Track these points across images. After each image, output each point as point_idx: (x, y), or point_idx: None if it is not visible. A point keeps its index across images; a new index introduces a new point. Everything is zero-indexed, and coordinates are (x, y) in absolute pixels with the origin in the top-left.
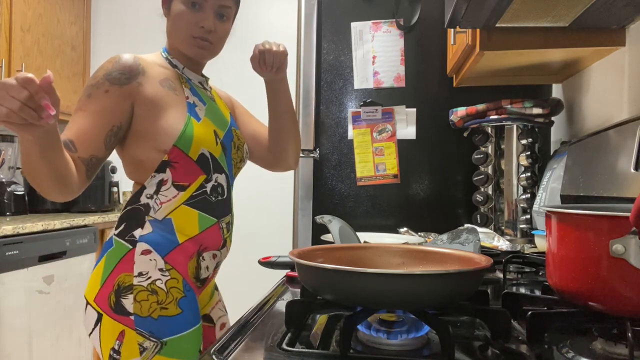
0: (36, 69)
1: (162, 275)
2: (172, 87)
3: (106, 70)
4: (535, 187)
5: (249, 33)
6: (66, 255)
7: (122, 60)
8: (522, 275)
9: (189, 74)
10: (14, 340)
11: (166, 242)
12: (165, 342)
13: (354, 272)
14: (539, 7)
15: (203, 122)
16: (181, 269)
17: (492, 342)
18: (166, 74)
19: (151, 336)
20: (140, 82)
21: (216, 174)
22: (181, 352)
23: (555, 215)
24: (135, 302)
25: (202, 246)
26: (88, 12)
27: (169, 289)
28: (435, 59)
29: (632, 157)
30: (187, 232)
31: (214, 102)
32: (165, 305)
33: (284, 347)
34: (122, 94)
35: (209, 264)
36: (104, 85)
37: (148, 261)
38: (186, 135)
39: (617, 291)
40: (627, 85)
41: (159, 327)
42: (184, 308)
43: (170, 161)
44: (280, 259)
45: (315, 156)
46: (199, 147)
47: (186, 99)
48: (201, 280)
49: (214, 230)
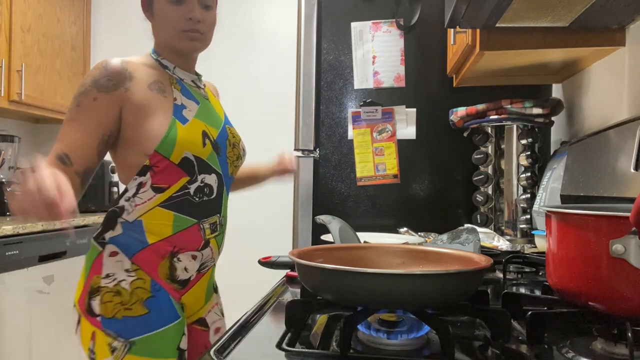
0: (36, 69)
1: (127, 275)
2: (160, 89)
3: (93, 77)
4: (535, 187)
5: (249, 33)
6: (66, 255)
7: (109, 66)
8: (522, 275)
9: (181, 73)
10: (14, 340)
11: (134, 243)
12: (134, 342)
13: (354, 272)
14: (539, 7)
15: (191, 124)
16: (149, 269)
17: (492, 342)
18: (155, 76)
19: (118, 336)
20: (128, 87)
21: (203, 174)
22: (153, 351)
23: (555, 215)
24: (101, 304)
25: (177, 247)
26: (88, 12)
27: (133, 290)
28: (435, 59)
29: (632, 157)
30: (159, 233)
31: (207, 101)
32: (129, 306)
33: (284, 347)
34: (110, 101)
35: (187, 265)
36: (92, 93)
37: (115, 262)
38: (168, 140)
39: (617, 291)
40: (627, 85)
41: (124, 327)
42: (151, 308)
43: (151, 165)
44: (280, 259)
45: (315, 156)
46: (181, 151)
47: (174, 100)
48: (179, 281)
49: (192, 231)
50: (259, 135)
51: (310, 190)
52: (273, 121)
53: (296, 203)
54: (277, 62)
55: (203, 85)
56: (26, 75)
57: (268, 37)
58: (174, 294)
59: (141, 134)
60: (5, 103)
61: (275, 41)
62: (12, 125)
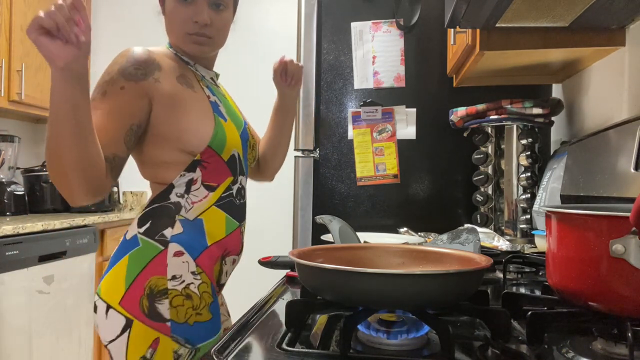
0: (36, 69)
1: (194, 279)
2: (189, 84)
3: (120, 65)
4: (535, 187)
5: (249, 33)
6: (66, 255)
7: (136, 54)
8: (522, 275)
9: (202, 70)
10: (14, 340)
11: (197, 244)
12: (199, 349)
13: (354, 272)
14: (539, 7)
15: (229, 123)
16: (209, 273)
17: (492, 342)
18: (181, 70)
19: (187, 343)
20: (157, 78)
21: (240, 176)
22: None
23: (555, 215)
24: (171, 308)
25: (226, 250)
26: (88, 12)
27: (201, 293)
28: (435, 59)
29: (632, 157)
30: (215, 235)
31: (227, 100)
32: (199, 310)
33: (284, 347)
34: (139, 91)
35: (228, 269)
36: (119, 82)
37: (181, 263)
38: (219, 137)
39: (617, 291)
40: (627, 85)
41: (194, 333)
42: (214, 313)
43: (202, 160)
44: (280, 259)
45: (315, 156)
46: (231, 148)
47: (208, 98)
48: (220, 285)
49: (237, 234)
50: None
51: (310, 190)
52: None
53: (296, 203)
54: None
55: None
56: (26, 75)
57: (268, 37)
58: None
59: (182, 130)
60: (5, 103)
61: (275, 41)
62: (12, 125)
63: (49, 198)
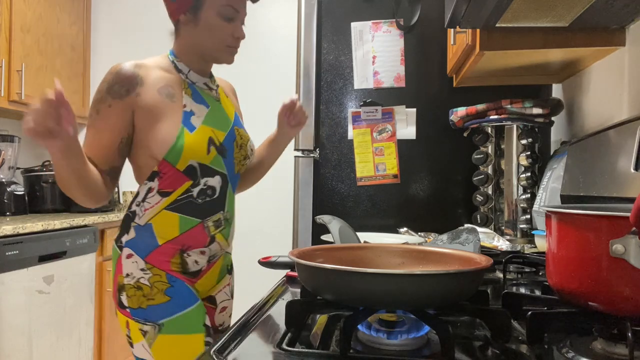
0: (36, 69)
1: (144, 274)
2: (170, 94)
3: (108, 84)
4: (535, 187)
5: (249, 33)
6: (66, 255)
7: (122, 72)
8: (522, 275)
9: (194, 77)
10: (14, 340)
11: (146, 245)
12: (162, 324)
13: (354, 272)
14: (539, 7)
15: (198, 131)
16: (163, 266)
17: (492, 342)
18: (167, 80)
19: (146, 322)
20: (139, 92)
21: (206, 178)
22: (182, 327)
23: (555, 215)
24: (127, 298)
25: (185, 245)
26: (88, 12)
27: (152, 284)
28: (435, 59)
29: (632, 157)
30: (167, 235)
31: (218, 103)
32: (151, 296)
33: (284, 347)
34: (124, 107)
35: (197, 259)
36: (107, 100)
37: (131, 263)
38: (176, 149)
39: (617, 291)
40: (627, 85)
41: (150, 313)
42: (172, 295)
43: (159, 172)
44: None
45: (315, 156)
46: (187, 159)
47: (183, 107)
48: (191, 272)
49: (197, 230)
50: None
51: (310, 190)
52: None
53: (296, 203)
54: (277, 62)
55: (216, 86)
56: (26, 75)
57: (268, 37)
58: (188, 282)
59: (150, 138)
60: (5, 103)
61: (275, 41)
62: (12, 125)
63: (49, 198)
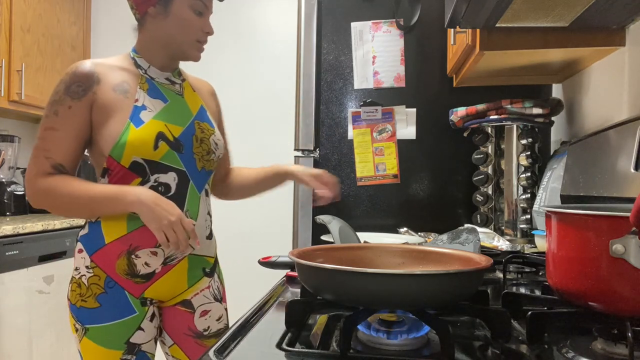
0: (36, 69)
1: (87, 271)
2: (124, 90)
3: (66, 84)
4: (535, 187)
5: (249, 33)
6: (66, 255)
7: (79, 71)
8: (522, 275)
9: (153, 72)
10: (14, 340)
11: (93, 243)
12: (88, 329)
13: (354, 272)
14: (539, 7)
15: (145, 127)
16: (105, 267)
17: (492, 342)
18: (123, 77)
19: (77, 321)
20: (95, 91)
21: (157, 174)
22: (102, 340)
23: (555, 215)
24: (71, 291)
25: (133, 245)
26: (88, 12)
27: (89, 285)
28: (435, 59)
29: (632, 157)
30: (114, 233)
31: (180, 97)
32: (84, 298)
33: (284, 347)
34: (82, 106)
35: (147, 260)
36: (66, 101)
37: (80, 258)
38: (119, 145)
39: (617, 291)
40: (627, 85)
41: (80, 315)
42: (102, 303)
43: (108, 168)
44: (280, 259)
45: (315, 156)
46: (130, 155)
47: (135, 101)
48: (141, 275)
49: (145, 228)
50: (259, 135)
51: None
52: (273, 121)
53: (296, 203)
54: (277, 62)
55: (181, 80)
56: (26, 75)
57: (268, 37)
58: (134, 289)
59: (100, 135)
60: (5, 103)
61: (275, 41)
62: (12, 125)
63: None
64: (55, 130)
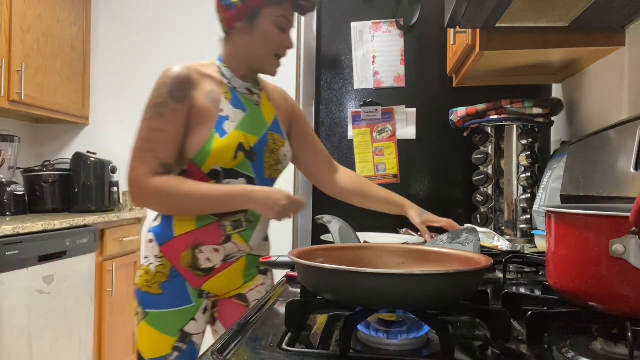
0: (36, 69)
1: (155, 260)
2: (214, 99)
3: (168, 88)
4: (535, 187)
5: None
6: (66, 255)
7: (180, 75)
8: (522, 275)
9: (236, 82)
10: (14, 340)
11: (164, 235)
12: (148, 313)
13: (354, 272)
14: (539, 7)
15: (229, 137)
16: (172, 258)
17: (492, 342)
18: (212, 85)
19: (139, 304)
20: (192, 96)
21: (229, 179)
22: (159, 325)
23: (555, 215)
24: (138, 277)
25: (198, 241)
26: (88, 12)
27: (156, 272)
28: (435, 59)
29: (632, 157)
30: (183, 228)
31: (257, 107)
32: (150, 284)
33: (284, 347)
34: (184, 109)
35: (210, 256)
36: (170, 104)
37: (150, 248)
38: (203, 153)
39: (617, 291)
40: (627, 85)
41: (143, 299)
42: (164, 290)
43: (186, 170)
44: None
45: None
46: (211, 164)
47: (220, 111)
48: (202, 269)
49: (213, 227)
50: None
51: (310, 190)
52: None
53: None
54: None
55: (258, 91)
56: (26, 75)
57: None
58: (194, 281)
59: (187, 139)
60: (5, 103)
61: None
62: (12, 125)
63: (49, 198)
64: (162, 132)
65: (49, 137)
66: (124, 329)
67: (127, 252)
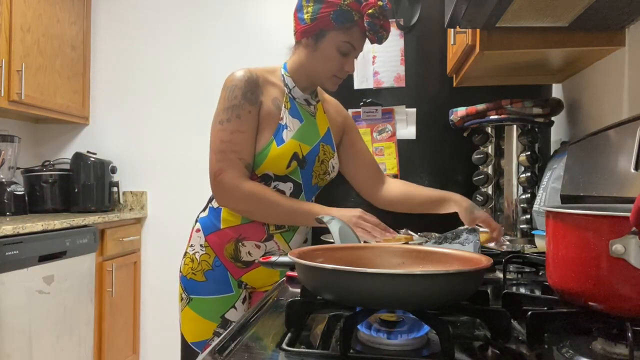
0: (36, 69)
1: (200, 249)
2: (277, 105)
3: (242, 91)
4: (535, 187)
5: (248, 32)
6: (66, 255)
7: (251, 79)
8: (522, 275)
9: (296, 92)
10: (14, 340)
11: (211, 225)
12: (191, 299)
13: (354, 272)
14: (539, 7)
15: (286, 146)
16: (216, 248)
17: (492, 342)
18: (276, 92)
19: (184, 290)
20: (262, 100)
21: (278, 182)
22: (201, 310)
23: (555, 215)
24: (184, 265)
25: (242, 235)
26: (88, 12)
27: (200, 261)
28: (435, 59)
29: (632, 157)
30: (230, 222)
31: (313, 118)
32: (195, 272)
33: (284, 347)
34: (256, 111)
35: (251, 250)
36: (246, 107)
37: (197, 237)
38: (260, 158)
39: (617, 291)
40: (627, 85)
41: (188, 285)
42: (208, 278)
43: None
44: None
45: None
46: (265, 169)
47: (280, 120)
48: (243, 262)
49: (257, 225)
50: None
51: None
52: None
53: None
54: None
55: (316, 101)
56: (26, 75)
57: (269, 36)
58: (235, 271)
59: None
60: (5, 103)
61: (276, 40)
62: (12, 125)
63: (49, 198)
64: (242, 133)
65: (49, 137)
66: (124, 329)
67: (127, 252)
